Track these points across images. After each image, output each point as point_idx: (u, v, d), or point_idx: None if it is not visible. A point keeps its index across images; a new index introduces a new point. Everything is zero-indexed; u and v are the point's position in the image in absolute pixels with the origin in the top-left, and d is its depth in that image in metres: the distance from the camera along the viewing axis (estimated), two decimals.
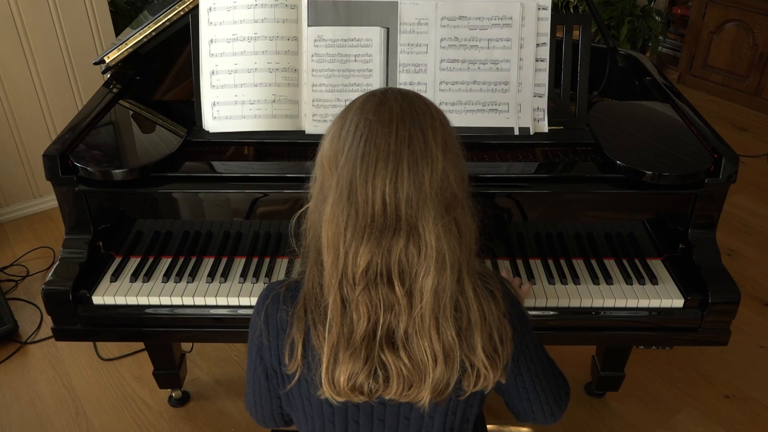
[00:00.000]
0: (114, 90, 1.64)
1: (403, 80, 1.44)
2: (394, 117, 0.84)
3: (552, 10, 1.43)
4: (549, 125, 1.46)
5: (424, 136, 0.84)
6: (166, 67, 1.80)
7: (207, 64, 1.44)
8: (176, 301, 1.38)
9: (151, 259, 1.46)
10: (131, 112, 1.57)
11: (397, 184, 0.83)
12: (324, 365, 0.90)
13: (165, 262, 1.45)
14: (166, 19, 1.58)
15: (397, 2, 1.41)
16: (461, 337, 0.90)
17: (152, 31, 1.59)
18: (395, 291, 0.86)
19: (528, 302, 1.36)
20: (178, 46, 1.72)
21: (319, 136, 0.92)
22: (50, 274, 1.38)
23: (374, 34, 1.42)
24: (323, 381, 0.91)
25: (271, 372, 0.99)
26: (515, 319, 0.96)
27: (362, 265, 0.85)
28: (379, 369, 0.90)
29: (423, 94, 1.41)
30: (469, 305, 0.90)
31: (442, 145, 0.85)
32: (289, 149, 1.47)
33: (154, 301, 1.38)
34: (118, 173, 1.34)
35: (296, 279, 0.98)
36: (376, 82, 1.43)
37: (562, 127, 1.48)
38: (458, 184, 0.87)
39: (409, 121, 0.84)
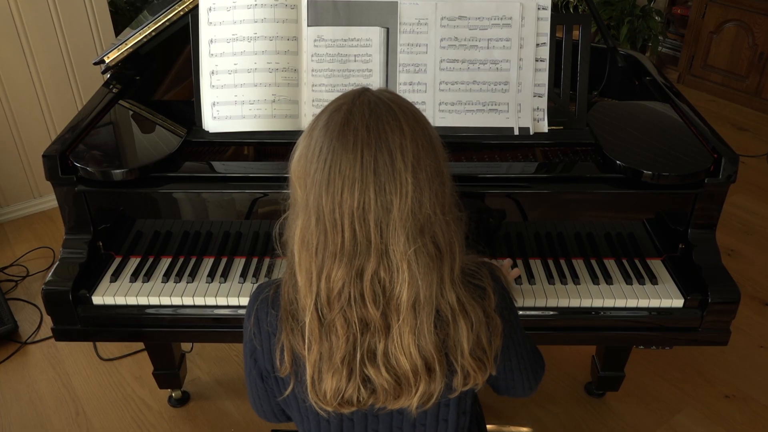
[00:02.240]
0: (114, 90, 1.64)
1: (403, 80, 1.44)
2: (359, 139, 0.80)
3: (552, 10, 1.43)
4: (549, 125, 1.46)
5: (391, 158, 0.80)
6: (166, 67, 1.80)
7: (207, 64, 1.44)
8: (176, 301, 1.38)
9: (151, 259, 1.46)
10: (131, 112, 1.57)
11: (365, 210, 0.80)
12: (308, 381, 0.90)
13: (165, 262, 1.45)
14: (166, 19, 1.58)
15: (397, 2, 1.41)
16: (446, 345, 0.89)
17: (152, 31, 1.59)
18: (370, 313, 0.85)
19: (528, 302, 1.36)
20: (178, 46, 1.72)
21: None
22: (50, 274, 1.38)
23: (374, 34, 1.42)
24: (310, 394, 0.91)
25: (265, 374, 0.99)
26: (505, 311, 0.96)
27: (336, 289, 0.84)
28: (363, 383, 0.89)
29: (423, 94, 1.43)
30: (454, 315, 0.88)
31: (412, 165, 0.81)
32: (289, 149, 1.45)
33: (153, 301, 1.38)
34: (118, 173, 1.34)
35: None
36: (376, 82, 1.43)
37: (562, 127, 1.48)
38: (436, 200, 0.84)
39: (375, 143, 0.80)
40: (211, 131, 1.46)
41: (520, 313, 1.35)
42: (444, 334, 0.89)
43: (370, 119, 0.82)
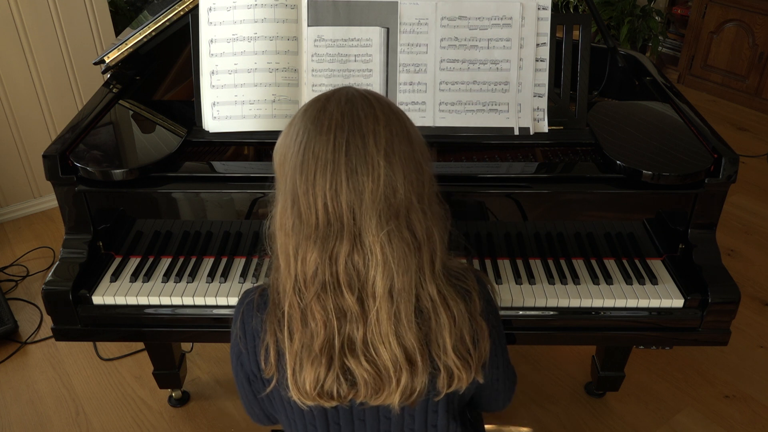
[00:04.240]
0: (114, 90, 1.64)
1: (403, 80, 1.44)
2: (332, 124, 0.83)
3: (552, 10, 1.43)
4: (549, 125, 1.46)
5: (363, 141, 0.82)
6: (166, 67, 1.80)
7: (207, 64, 1.44)
8: (176, 301, 1.38)
9: (151, 259, 1.46)
10: (131, 112, 1.57)
11: (337, 192, 0.82)
12: (289, 371, 0.90)
13: (165, 262, 1.45)
14: (166, 19, 1.58)
15: (397, 2, 1.41)
16: (428, 339, 0.89)
17: (152, 31, 1.59)
18: (346, 299, 0.86)
19: (528, 302, 1.36)
20: (178, 46, 1.72)
21: None
22: (50, 274, 1.38)
23: (374, 34, 1.42)
24: (290, 386, 0.91)
25: (252, 378, 0.99)
26: (491, 315, 0.96)
27: (310, 271, 0.85)
28: (343, 374, 0.89)
29: (423, 94, 1.44)
30: (435, 308, 0.88)
31: (384, 150, 0.83)
32: None
33: (154, 301, 1.38)
34: (117, 173, 1.34)
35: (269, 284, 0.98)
36: (376, 82, 1.43)
37: (562, 127, 1.48)
38: (411, 188, 0.85)
39: (348, 127, 0.82)
40: (211, 131, 1.46)
41: (520, 313, 1.36)
42: (426, 328, 0.89)
43: (345, 106, 0.84)
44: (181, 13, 1.56)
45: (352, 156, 0.82)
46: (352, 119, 0.83)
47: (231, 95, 1.45)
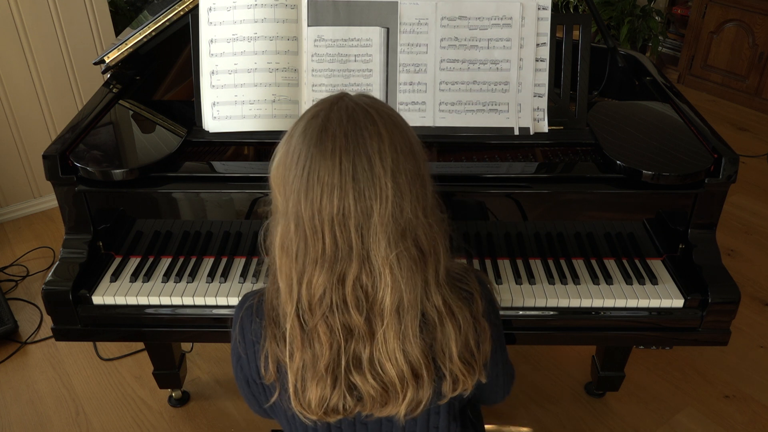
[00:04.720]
0: (114, 90, 1.64)
1: (403, 80, 1.44)
2: (336, 146, 0.80)
3: (552, 10, 1.43)
4: (549, 125, 1.46)
5: (370, 163, 0.80)
6: (166, 67, 1.80)
7: (207, 64, 1.44)
8: (176, 301, 1.38)
9: (151, 259, 1.46)
10: (131, 112, 1.57)
11: (344, 217, 0.80)
12: (291, 389, 0.89)
13: (165, 262, 1.45)
14: (166, 19, 1.58)
15: (397, 2, 1.41)
16: (434, 350, 0.88)
17: (152, 31, 1.59)
18: (353, 319, 0.84)
19: (528, 302, 1.36)
20: (178, 46, 1.72)
21: None
22: (50, 274, 1.38)
23: (374, 34, 1.42)
24: (293, 403, 0.90)
25: (251, 381, 0.99)
26: (492, 315, 0.96)
27: (317, 295, 0.84)
28: (349, 391, 0.89)
29: (423, 94, 1.44)
30: (441, 318, 0.88)
31: (391, 170, 0.81)
32: None
33: (154, 301, 1.38)
34: (117, 173, 1.34)
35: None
36: (376, 82, 1.43)
37: (562, 127, 1.48)
38: (417, 204, 0.84)
39: (353, 149, 0.80)
40: (211, 131, 1.46)
41: (520, 313, 1.36)
42: (431, 338, 0.88)
43: (348, 125, 0.81)
44: (181, 13, 1.56)
45: (359, 179, 0.80)
46: (356, 140, 0.80)
47: (231, 95, 1.45)
